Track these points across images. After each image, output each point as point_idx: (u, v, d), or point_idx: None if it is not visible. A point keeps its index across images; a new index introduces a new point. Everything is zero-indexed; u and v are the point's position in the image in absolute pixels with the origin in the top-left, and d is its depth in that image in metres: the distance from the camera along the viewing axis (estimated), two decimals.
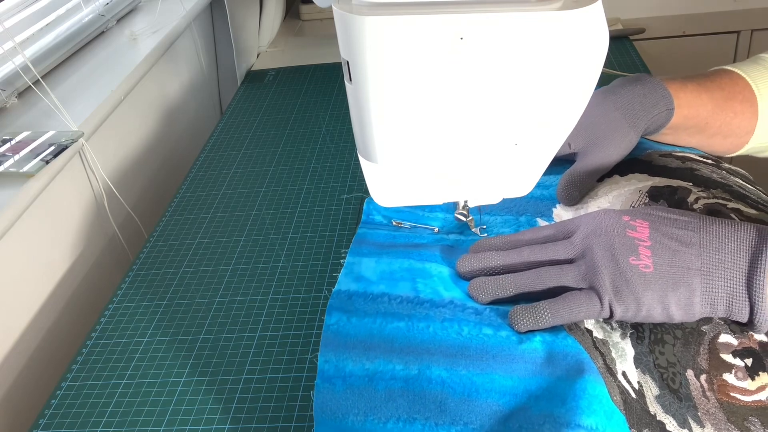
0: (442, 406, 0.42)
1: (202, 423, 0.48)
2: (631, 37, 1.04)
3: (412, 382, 0.43)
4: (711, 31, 1.22)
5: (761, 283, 0.42)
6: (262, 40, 1.19)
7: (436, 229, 0.59)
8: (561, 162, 0.61)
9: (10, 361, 0.60)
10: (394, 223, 0.61)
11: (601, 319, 0.46)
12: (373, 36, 0.41)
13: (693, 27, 1.22)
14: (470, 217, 0.57)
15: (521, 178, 0.53)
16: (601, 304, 0.44)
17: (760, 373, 0.43)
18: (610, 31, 0.43)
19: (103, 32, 0.91)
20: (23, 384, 0.61)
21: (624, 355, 0.44)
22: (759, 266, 0.42)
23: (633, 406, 0.42)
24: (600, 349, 0.45)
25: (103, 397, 0.52)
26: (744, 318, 0.43)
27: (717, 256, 0.43)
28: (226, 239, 0.68)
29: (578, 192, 0.57)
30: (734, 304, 0.43)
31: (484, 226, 0.58)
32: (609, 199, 0.56)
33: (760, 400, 0.42)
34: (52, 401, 0.52)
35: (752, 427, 0.41)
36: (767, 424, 0.41)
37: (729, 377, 0.43)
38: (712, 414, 0.42)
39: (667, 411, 0.42)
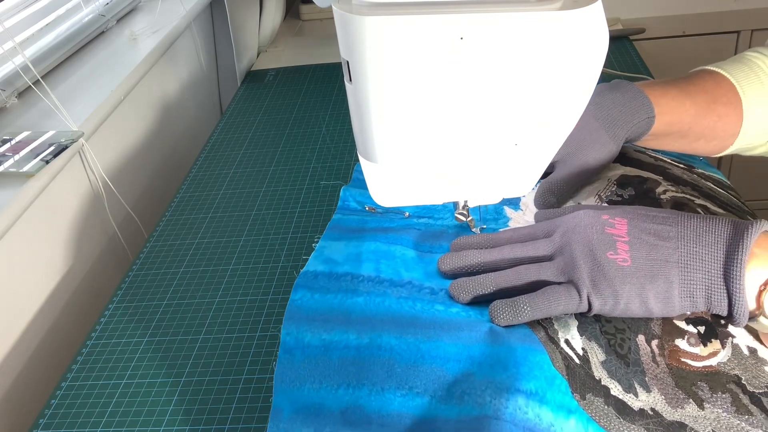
0: (390, 372, 0.43)
1: (202, 423, 0.48)
2: (631, 37, 1.04)
3: (363, 350, 0.45)
4: (711, 31, 1.22)
5: (738, 274, 0.42)
6: (262, 40, 1.19)
7: (407, 213, 0.61)
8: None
9: (10, 361, 0.60)
10: (367, 208, 0.63)
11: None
12: (373, 36, 0.41)
13: (693, 27, 1.22)
14: (470, 217, 0.57)
15: (521, 178, 0.53)
16: (580, 297, 0.44)
17: (712, 339, 0.44)
18: (610, 31, 0.43)
19: (103, 32, 0.91)
20: (23, 384, 0.61)
21: (567, 326, 0.46)
22: (735, 258, 0.42)
23: (576, 372, 0.43)
24: (542, 323, 0.46)
25: (103, 397, 0.52)
26: (723, 311, 0.44)
27: (695, 249, 0.44)
28: (226, 239, 0.68)
29: (555, 199, 0.57)
30: (713, 296, 0.43)
31: (484, 226, 0.58)
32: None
33: (710, 366, 0.43)
34: (52, 401, 0.52)
35: (700, 392, 0.42)
36: (715, 389, 0.42)
37: (681, 343, 0.44)
38: (660, 379, 0.43)
39: (612, 376, 0.43)
